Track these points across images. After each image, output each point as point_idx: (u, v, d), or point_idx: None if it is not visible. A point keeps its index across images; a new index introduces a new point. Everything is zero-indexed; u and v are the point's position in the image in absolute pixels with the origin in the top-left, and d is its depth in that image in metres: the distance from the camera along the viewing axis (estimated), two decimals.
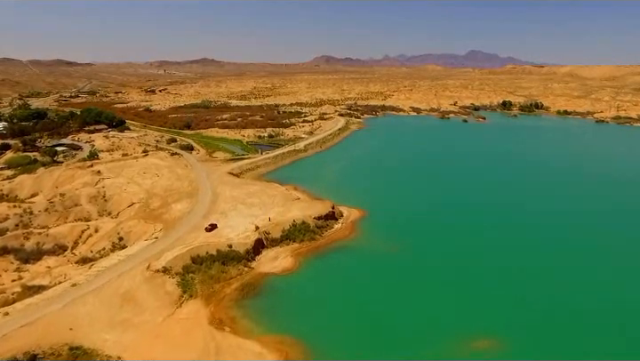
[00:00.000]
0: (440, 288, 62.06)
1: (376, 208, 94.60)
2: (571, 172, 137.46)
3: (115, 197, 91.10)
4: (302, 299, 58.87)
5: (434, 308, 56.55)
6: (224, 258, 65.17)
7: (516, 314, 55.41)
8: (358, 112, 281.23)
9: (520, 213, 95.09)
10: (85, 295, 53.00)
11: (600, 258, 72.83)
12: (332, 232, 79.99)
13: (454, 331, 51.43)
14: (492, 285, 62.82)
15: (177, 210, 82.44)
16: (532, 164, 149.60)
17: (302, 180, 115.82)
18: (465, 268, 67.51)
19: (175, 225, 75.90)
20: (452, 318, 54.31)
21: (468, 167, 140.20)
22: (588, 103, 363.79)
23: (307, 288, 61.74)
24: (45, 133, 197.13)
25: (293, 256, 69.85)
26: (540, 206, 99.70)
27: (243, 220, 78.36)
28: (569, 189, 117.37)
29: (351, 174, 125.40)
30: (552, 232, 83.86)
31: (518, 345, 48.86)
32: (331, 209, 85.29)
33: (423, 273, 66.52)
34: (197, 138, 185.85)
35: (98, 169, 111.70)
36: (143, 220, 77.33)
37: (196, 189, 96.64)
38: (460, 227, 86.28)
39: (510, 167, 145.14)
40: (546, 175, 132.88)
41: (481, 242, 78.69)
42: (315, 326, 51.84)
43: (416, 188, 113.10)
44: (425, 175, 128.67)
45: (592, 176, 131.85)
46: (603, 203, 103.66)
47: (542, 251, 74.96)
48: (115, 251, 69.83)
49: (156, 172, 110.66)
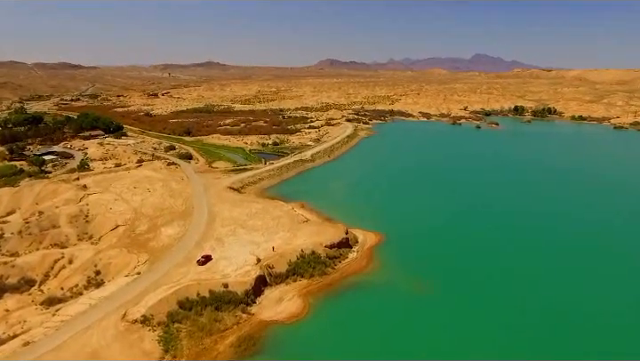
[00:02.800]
0: (483, 344, 50.13)
1: (395, 231, 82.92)
2: (612, 182, 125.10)
3: (98, 218, 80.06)
4: (313, 356, 47.27)
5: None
6: (218, 301, 53.78)
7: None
8: (366, 117, 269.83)
9: (572, 234, 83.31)
10: (40, 358, 41.73)
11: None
12: (347, 264, 68.34)
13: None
14: (564, 340, 50.72)
15: (166, 235, 71.19)
16: (564, 173, 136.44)
17: (310, 195, 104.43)
18: (518, 313, 55.55)
19: (163, 255, 64.63)
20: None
21: (496, 180, 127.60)
22: (602, 108, 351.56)
23: (318, 342, 50.09)
24: (38, 139, 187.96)
25: (302, 296, 58.29)
26: (595, 225, 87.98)
27: (242, 249, 66.97)
28: (617, 200, 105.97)
29: (364, 189, 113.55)
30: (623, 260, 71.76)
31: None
32: (344, 235, 73.69)
33: (461, 321, 54.52)
34: (198, 145, 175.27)
35: (84, 183, 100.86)
36: (126, 249, 66.13)
37: (190, 208, 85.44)
38: (499, 253, 74.51)
39: (542, 179, 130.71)
40: (584, 186, 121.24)
41: (534, 272, 66.84)
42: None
43: (439, 205, 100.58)
44: (447, 189, 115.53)
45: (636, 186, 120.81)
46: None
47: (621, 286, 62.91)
48: (89, 288, 58.64)
49: (149, 186, 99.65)
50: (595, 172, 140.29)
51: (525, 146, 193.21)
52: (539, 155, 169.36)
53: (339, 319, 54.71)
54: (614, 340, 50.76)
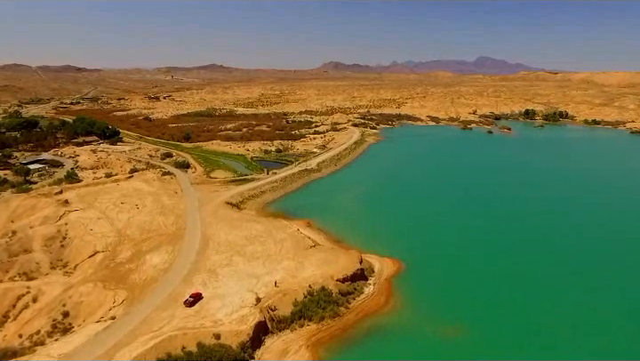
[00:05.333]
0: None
1: (415, 256, 72.31)
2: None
3: (76, 241, 69.99)
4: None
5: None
6: (208, 356, 43.41)
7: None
8: (373, 122, 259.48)
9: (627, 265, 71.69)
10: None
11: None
12: (362, 301, 57.72)
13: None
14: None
15: (151, 265, 60.90)
16: (603, 188, 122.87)
17: (317, 211, 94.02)
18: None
19: (144, 292, 54.32)
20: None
21: (522, 192, 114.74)
22: (615, 112, 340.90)
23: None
24: (30, 145, 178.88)
25: (310, 347, 47.77)
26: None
27: (239, 284, 56.55)
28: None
29: (376, 203, 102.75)
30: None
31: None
32: (359, 264, 63.11)
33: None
34: (196, 152, 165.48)
35: (66, 197, 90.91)
36: (102, 284, 55.89)
37: (181, 229, 75.19)
38: (542, 282, 63.69)
39: (577, 194, 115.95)
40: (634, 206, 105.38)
41: (587, 311, 56.03)
42: None
43: (464, 224, 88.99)
44: (470, 204, 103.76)
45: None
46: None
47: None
48: (54, 334, 48.47)
49: (138, 201, 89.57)
50: (618, 179, 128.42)
51: (548, 155, 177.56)
52: (565, 164, 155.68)
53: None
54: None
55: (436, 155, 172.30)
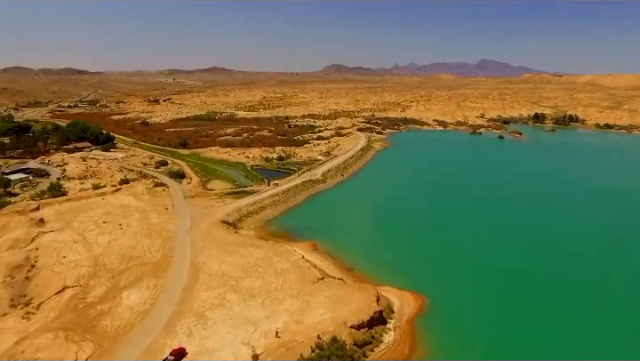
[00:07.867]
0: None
1: (441, 289, 61.89)
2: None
3: (44, 272, 59.98)
4: None
5: None
6: None
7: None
8: (379, 126, 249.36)
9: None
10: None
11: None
12: (382, 353, 47.29)
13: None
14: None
15: (127, 306, 50.75)
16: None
17: (323, 230, 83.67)
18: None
19: (116, 344, 44.16)
20: None
21: (557, 208, 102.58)
22: (627, 115, 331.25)
23: None
24: (19, 152, 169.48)
25: None
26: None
27: (232, 333, 46.30)
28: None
29: (389, 221, 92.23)
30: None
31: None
32: (376, 305, 52.68)
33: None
34: (193, 160, 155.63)
35: (43, 215, 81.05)
36: (64, 334, 45.77)
37: (168, 256, 65.05)
38: (586, 319, 53.21)
39: (617, 208, 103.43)
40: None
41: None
42: None
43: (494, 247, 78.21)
44: (497, 222, 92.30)
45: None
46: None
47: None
48: None
49: (122, 220, 79.58)
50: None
51: (572, 165, 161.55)
52: (589, 176, 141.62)
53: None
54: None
55: (449, 163, 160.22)
